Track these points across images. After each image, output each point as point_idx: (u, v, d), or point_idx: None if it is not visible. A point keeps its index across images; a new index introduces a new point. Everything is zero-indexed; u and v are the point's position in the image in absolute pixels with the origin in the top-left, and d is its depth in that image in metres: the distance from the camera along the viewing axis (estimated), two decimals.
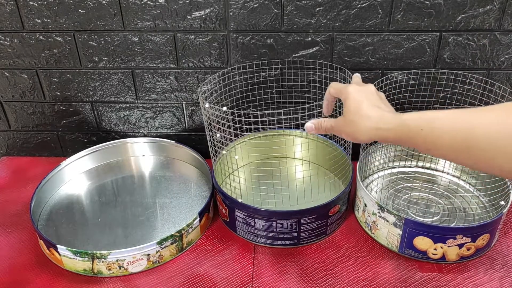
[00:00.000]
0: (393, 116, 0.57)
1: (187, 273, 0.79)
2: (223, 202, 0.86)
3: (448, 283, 0.76)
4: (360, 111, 0.59)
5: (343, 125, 0.61)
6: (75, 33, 0.96)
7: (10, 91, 1.04)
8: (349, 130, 0.61)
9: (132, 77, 1.01)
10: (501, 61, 0.93)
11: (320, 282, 0.77)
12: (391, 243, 0.82)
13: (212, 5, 0.90)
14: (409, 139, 0.54)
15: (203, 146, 1.09)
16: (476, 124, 0.47)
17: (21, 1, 0.92)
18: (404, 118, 0.55)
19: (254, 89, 0.99)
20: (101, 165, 1.07)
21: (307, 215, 0.81)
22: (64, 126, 1.09)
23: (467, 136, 0.48)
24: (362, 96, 0.60)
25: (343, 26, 0.91)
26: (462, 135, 0.48)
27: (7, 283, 0.78)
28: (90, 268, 0.78)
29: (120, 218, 0.91)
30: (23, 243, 0.87)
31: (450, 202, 0.91)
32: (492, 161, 0.47)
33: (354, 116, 0.59)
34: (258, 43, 0.94)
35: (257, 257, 0.82)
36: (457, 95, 0.94)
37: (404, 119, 0.55)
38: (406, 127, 0.54)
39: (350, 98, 0.60)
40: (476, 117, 0.48)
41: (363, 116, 0.58)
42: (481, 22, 0.89)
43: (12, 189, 1.02)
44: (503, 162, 0.46)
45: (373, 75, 0.97)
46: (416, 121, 0.53)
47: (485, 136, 0.46)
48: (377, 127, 0.57)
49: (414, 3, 0.88)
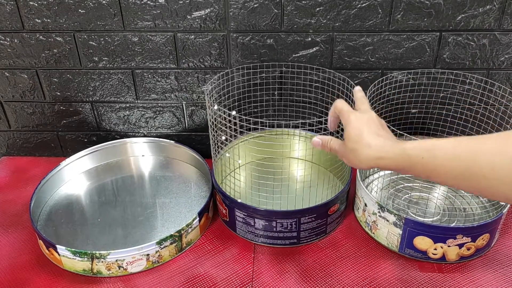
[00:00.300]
0: (393, 145, 0.57)
1: (187, 273, 0.79)
2: (223, 202, 0.86)
3: (448, 283, 0.76)
4: (361, 139, 0.59)
5: (345, 151, 0.62)
6: (75, 33, 0.96)
7: (10, 91, 1.04)
8: (350, 157, 0.61)
9: (132, 77, 1.01)
10: (501, 61, 0.93)
11: (320, 282, 0.77)
12: (391, 243, 0.82)
13: (212, 5, 0.90)
14: (410, 167, 0.55)
15: (203, 146, 1.09)
16: (478, 152, 0.47)
17: (21, 1, 0.92)
18: (405, 147, 0.55)
19: (256, 90, 0.99)
20: (101, 165, 1.07)
21: (306, 214, 0.81)
22: (64, 126, 1.09)
23: (469, 164, 0.47)
24: (362, 124, 0.60)
25: (343, 26, 0.91)
26: (464, 163, 0.48)
27: (7, 283, 0.78)
28: (90, 268, 0.78)
29: (119, 218, 0.91)
30: (23, 243, 0.87)
31: (450, 202, 0.91)
32: (496, 189, 0.46)
33: (355, 144, 0.59)
34: (258, 43, 0.94)
35: (257, 257, 0.82)
36: (457, 95, 0.94)
37: (404, 148, 0.55)
38: (407, 156, 0.54)
39: (351, 125, 0.61)
40: (479, 145, 0.47)
41: (363, 144, 0.58)
42: (481, 22, 0.89)
43: (12, 189, 1.02)
44: (508, 191, 0.45)
45: (373, 75, 0.97)
46: (417, 150, 0.53)
47: (488, 165, 0.45)
48: (377, 156, 0.57)
49: (414, 3, 0.88)
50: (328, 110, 0.68)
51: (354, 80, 0.97)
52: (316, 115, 1.00)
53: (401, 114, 0.97)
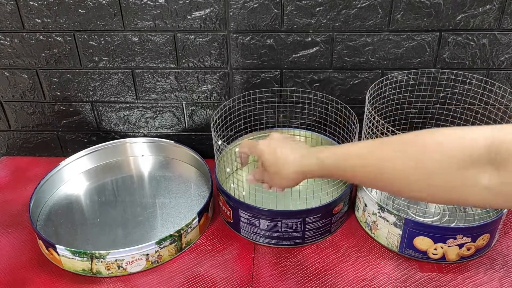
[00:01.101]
0: (309, 155, 0.60)
1: (187, 273, 0.79)
2: (227, 203, 0.86)
3: (448, 283, 0.76)
4: (278, 160, 0.62)
5: (269, 177, 0.65)
6: (75, 33, 0.96)
7: (10, 91, 1.04)
8: (276, 181, 0.64)
9: (132, 77, 1.01)
10: (501, 60, 0.93)
11: (320, 282, 0.77)
12: (391, 243, 0.82)
13: (212, 5, 0.90)
14: (331, 174, 0.59)
15: (203, 146, 1.09)
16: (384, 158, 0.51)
17: (21, 1, 0.92)
18: (320, 156, 0.58)
19: (255, 89, 0.98)
20: (100, 165, 1.07)
21: (312, 214, 0.81)
22: (64, 126, 1.09)
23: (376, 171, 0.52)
24: (272, 145, 0.64)
25: (343, 26, 0.91)
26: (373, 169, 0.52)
27: (7, 283, 0.78)
28: (89, 268, 0.78)
29: (119, 218, 0.91)
30: (23, 243, 0.87)
31: None
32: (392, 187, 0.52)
33: (275, 167, 0.62)
34: (258, 43, 0.94)
35: (257, 257, 0.82)
36: (457, 95, 0.94)
37: (320, 158, 0.58)
38: (324, 165, 0.58)
39: (265, 153, 0.64)
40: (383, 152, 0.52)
41: (282, 164, 0.62)
42: (480, 21, 0.89)
43: (12, 189, 1.02)
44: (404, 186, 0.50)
45: (373, 75, 0.97)
46: (331, 159, 0.57)
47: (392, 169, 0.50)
48: (298, 171, 0.61)
49: (414, 3, 0.87)
50: (328, 110, 0.68)
51: (354, 80, 0.97)
52: (316, 115, 1.00)
53: (401, 114, 0.97)
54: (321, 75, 0.97)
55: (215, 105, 1.03)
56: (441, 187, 0.47)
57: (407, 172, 0.49)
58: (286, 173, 0.61)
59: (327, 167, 0.58)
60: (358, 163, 0.55)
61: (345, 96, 0.99)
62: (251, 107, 0.98)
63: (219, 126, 0.90)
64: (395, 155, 0.50)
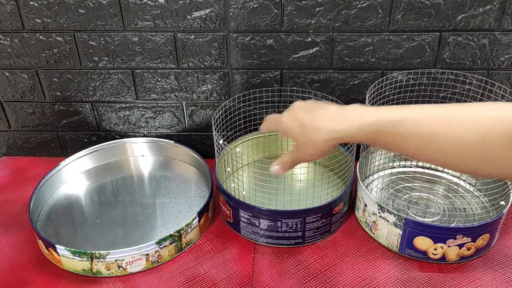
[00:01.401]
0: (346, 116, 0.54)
1: (187, 273, 0.79)
2: (227, 203, 0.86)
3: (448, 283, 0.76)
4: (305, 128, 0.57)
5: (300, 150, 0.59)
6: (75, 33, 0.96)
7: (10, 91, 1.04)
8: (308, 151, 0.58)
9: (132, 77, 1.01)
10: (501, 61, 0.93)
11: (320, 282, 0.77)
12: (391, 243, 0.82)
13: (212, 5, 0.90)
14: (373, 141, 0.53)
15: (203, 146, 1.09)
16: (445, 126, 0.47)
17: (21, 1, 0.92)
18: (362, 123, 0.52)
19: (255, 89, 0.99)
20: (100, 165, 1.07)
21: (312, 214, 0.81)
22: (64, 126, 1.09)
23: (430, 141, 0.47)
24: (297, 116, 0.58)
25: (343, 26, 0.91)
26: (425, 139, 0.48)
27: (7, 283, 0.78)
28: (89, 268, 0.78)
29: (119, 218, 0.91)
30: (23, 243, 0.87)
31: (450, 202, 0.91)
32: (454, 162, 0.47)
33: (306, 137, 0.57)
34: (258, 43, 0.94)
35: (257, 257, 0.82)
36: (457, 95, 0.94)
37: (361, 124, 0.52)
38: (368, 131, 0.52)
39: (289, 126, 0.59)
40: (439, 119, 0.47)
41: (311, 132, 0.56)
42: (481, 22, 0.89)
43: (12, 189, 1.02)
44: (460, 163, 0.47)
45: (373, 75, 0.97)
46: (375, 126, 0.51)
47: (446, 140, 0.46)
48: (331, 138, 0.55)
49: (414, 3, 0.88)
50: None
51: (354, 80, 0.97)
52: None
53: None
54: (321, 75, 0.97)
55: (215, 105, 1.03)
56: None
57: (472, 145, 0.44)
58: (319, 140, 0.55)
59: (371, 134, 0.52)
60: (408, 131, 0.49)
61: (345, 96, 0.99)
62: (251, 107, 0.98)
63: (219, 125, 0.90)
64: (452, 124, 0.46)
